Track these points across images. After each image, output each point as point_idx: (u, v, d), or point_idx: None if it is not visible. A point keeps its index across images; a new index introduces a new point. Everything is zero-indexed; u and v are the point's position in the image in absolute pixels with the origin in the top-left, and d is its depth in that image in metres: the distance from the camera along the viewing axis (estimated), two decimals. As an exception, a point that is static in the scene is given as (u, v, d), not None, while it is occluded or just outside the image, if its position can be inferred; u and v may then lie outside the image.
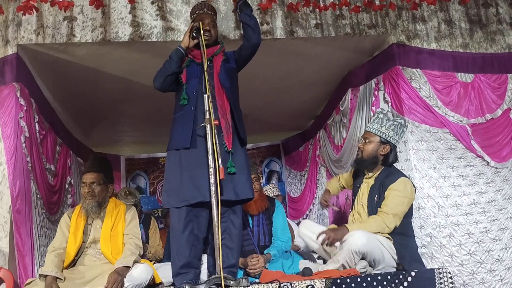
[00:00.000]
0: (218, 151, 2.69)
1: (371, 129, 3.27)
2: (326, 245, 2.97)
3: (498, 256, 3.70)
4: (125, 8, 3.68)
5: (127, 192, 4.19)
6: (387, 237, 3.03)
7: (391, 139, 3.22)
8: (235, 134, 2.91)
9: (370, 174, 3.29)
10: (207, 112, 2.76)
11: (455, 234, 3.67)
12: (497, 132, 3.95)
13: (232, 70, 3.07)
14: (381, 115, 3.28)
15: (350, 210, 3.50)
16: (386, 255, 2.99)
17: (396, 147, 3.27)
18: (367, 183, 3.29)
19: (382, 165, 3.26)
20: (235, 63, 3.09)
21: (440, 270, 2.88)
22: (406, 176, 3.22)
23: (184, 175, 2.85)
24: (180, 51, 2.99)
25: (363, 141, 3.27)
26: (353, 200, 3.40)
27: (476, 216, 3.75)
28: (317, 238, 3.00)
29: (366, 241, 2.88)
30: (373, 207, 3.15)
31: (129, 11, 3.68)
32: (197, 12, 3.12)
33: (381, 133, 3.22)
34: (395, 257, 3.03)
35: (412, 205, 3.19)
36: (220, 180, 2.69)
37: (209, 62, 2.95)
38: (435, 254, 3.60)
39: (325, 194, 3.70)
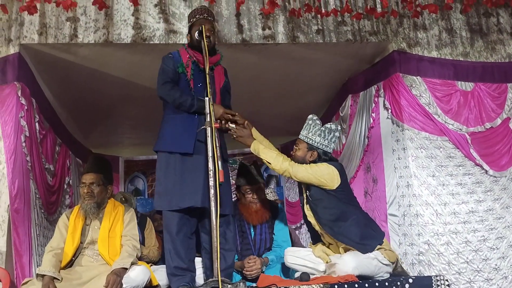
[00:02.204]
0: (218, 154, 2.71)
1: (300, 136, 3.27)
2: (226, 125, 2.97)
3: (495, 265, 3.70)
4: (128, 10, 3.70)
5: (123, 199, 4.12)
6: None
7: (319, 144, 3.17)
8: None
9: None
10: (208, 115, 2.77)
11: (452, 242, 3.67)
12: (496, 141, 3.97)
13: (226, 90, 3.14)
14: (310, 121, 3.24)
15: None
16: (378, 266, 2.97)
17: (329, 152, 3.21)
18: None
19: None
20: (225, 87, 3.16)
21: (438, 278, 2.88)
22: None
23: (184, 178, 2.86)
24: (201, 106, 2.86)
25: (294, 148, 3.28)
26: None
27: (474, 225, 3.75)
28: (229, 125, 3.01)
29: (356, 263, 2.87)
30: (310, 202, 3.13)
31: (132, 13, 3.70)
32: (197, 16, 3.05)
33: (308, 139, 3.20)
34: (386, 262, 3.01)
35: (342, 188, 3.08)
36: (219, 183, 2.70)
37: (210, 70, 2.92)
38: (432, 262, 3.60)
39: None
